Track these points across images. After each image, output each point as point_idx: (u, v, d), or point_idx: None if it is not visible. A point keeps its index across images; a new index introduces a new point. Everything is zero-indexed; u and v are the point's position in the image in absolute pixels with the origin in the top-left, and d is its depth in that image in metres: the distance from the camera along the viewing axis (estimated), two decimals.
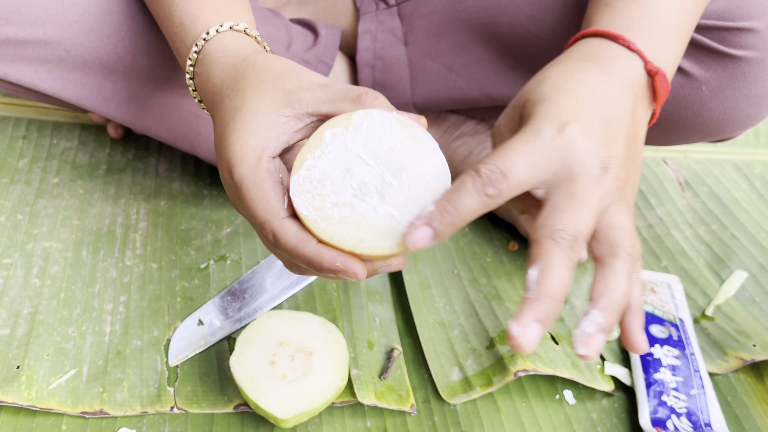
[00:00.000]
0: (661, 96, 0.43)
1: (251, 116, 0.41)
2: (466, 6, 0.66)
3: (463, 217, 0.37)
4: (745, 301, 0.70)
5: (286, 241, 0.39)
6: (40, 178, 0.73)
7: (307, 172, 0.39)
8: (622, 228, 0.39)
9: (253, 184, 0.40)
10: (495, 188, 0.37)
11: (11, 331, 0.58)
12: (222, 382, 0.57)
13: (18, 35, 0.56)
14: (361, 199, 0.39)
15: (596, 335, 0.37)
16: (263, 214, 0.40)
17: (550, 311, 0.36)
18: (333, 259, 0.39)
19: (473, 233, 0.74)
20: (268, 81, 0.42)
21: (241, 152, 0.40)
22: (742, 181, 0.85)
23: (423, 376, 0.61)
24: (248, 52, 0.45)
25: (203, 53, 0.47)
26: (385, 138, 0.40)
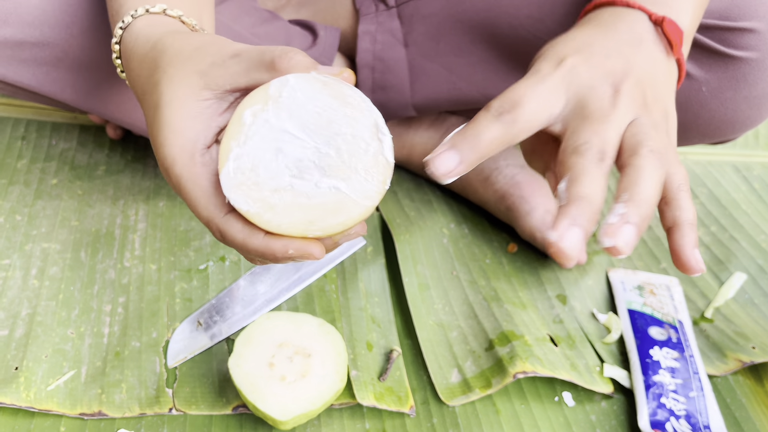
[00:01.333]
0: (676, 44, 0.42)
1: (170, 111, 0.38)
2: (466, 7, 0.66)
3: (485, 142, 0.37)
4: (745, 303, 0.70)
5: (233, 238, 0.37)
6: (39, 178, 0.73)
7: (236, 162, 0.36)
8: (643, 133, 0.38)
9: (190, 183, 0.38)
10: (509, 114, 0.37)
11: (9, 332, 0.58)
12: (221, 383, 0.57)
13: (15, 36, 0.56)
14: (300, 178, 0.36)
15: (622, 226, 0.35)
16: (205, 213, 0.38)
17: (586, 213, 0.35)
18: (284, 247, 0.36)
19: (472, 235, 0.74)
20: (179, 66, 0.39)
21: (171, 153, 0.38)
22: (741, 183, 0.85)
23: (422, 377, 0.61)
24: (158, 37, 0.41)
25: (123, 45, 0.44)
26: (310, 104, 0.36)
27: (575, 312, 0.67)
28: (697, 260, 0.38)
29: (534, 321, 0.65)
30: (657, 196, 0.37)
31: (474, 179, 0.74)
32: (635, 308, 0.66)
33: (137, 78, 0.42)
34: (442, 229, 0.74)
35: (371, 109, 0.37)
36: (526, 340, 0.61)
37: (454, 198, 0.78)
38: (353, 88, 0.37)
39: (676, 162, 0.39)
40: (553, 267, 0.71)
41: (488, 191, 0.73)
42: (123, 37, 0.44)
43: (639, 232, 0.36)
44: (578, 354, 0.62)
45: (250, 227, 0.37)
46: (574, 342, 0.64)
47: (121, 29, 0.44)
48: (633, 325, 0.64)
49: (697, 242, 0.38)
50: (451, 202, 0.77)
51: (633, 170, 0.37)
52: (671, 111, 0.41)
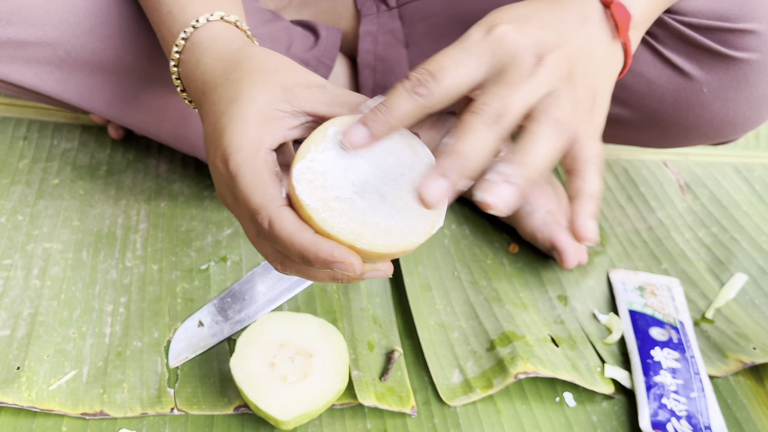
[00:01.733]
0: (622, 26, 0.41)
1: (249, 107, 0.40)
2: (467, 8, 0.66)
3: (397, 117, 0.37)
4: (746, 304, 0.70)
5: (282, 228, 0.38)
6: (41, 178, 0.73)
7: (310, 163, 0.38)
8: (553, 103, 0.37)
9: (250, 171, 0.39)
10: (425, 87, 0.37)
11: (11, 332, 0.58)
12: (222, 383, 0.57)
13: (19, 36, 0.56)
14: (361, 196, 0.39)
15: (501, 183, 0.35)
16: (260, 200, 0.38)
17: (457, 167, 0.35)
18: (330, 249, 0.37)
19: (473, 235, 0.74)
20: (264, 74, 0.41)
21: (238, 141, 0.39)
22: (742, 184, 0.85)
23: (423, 377, 0.61)
24: (241, 44, 0.44)
25: (192, 41, 0.46)
26: (385, 144, 0.39)
27: (576, 312, 0.67)
28: (589, 229, 0.38)
29: (535, 321, 0.65)
30: (546, 163, 0.36)
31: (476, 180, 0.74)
32: (636, 309, 0.66)
33: (210, 71, 0.44)
34: (443, 229, 0.74)
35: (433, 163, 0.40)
36: (528, 340, 0.62)
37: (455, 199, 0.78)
38: (422, 143, 0.41)
39: (592, 138, 0.38)
40: (554, 268, 0.71)
41: None
42: (193, 35, 0.46)
43: (519, 194, 0.35)
44: (579, 354, 0.62)
45: (302, 222, 0.38)
46: (575, 342, 0.64)
47: (194, 27, 0.46)
48: (634, 326, 0.64)
49: (594, 214, 0.38)
50: (452, 203, 0.77)
51: (527, 135, 0.36)
52: (602, 91, 0.41)
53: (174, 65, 0.47)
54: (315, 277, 0.41)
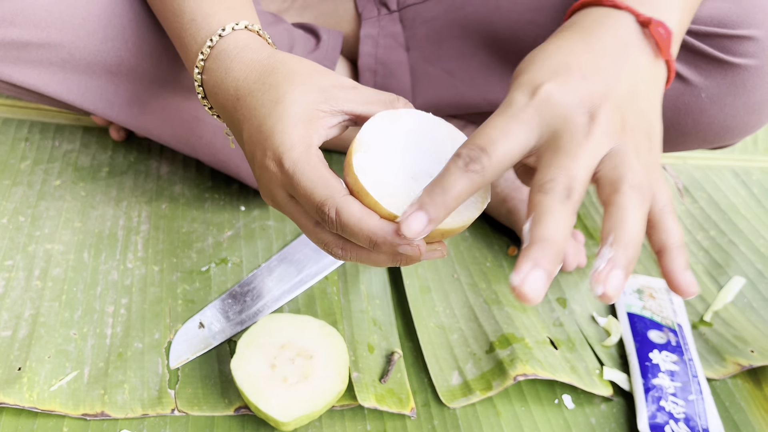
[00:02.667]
0: (664, 46, 0.40)
1: (294, 108, 0.42)
2: (468, 12, 0.67)
3: (453, 197, 0.37)
4: (743, 307, 0.70)
5: (351, 215, 0.39)
6: (42, 180, 0.73)
7: (366, 154, 0.41)
8: (623, 165, 0.37)
9: (309, 166, 0.40)
10: (478, 164, 0.37)
11: (13, 333, 0.59)
12: (223, 384, 0.57)
13: (22, 38, 0.56)
14: (417, 180, 0.40)
15: (612, 271, 0.35)
16: (325, 192, 0.40)
17: (549, 255, 0.35)
18: (394, 231, 0.39)
19: (473, 238, 0.74)
20: (302, 77, 0.43)
21: (290, 140, 0.41)
22: (740, 188, 0.85)
23: (423, 379, 0.61)
24: (270, 50, 0.46)
25: (218, 49, 0.47)
26: (428, 132, 0.42)
27: (575, 315, 0.67)
28: (690, 282, 0.37)
29: (534, 324, 0.65)
30: (641, 233, 0.37)
31: None
32: (635, 312, 0.66)
33: (243, 77, 0.45)
34: None
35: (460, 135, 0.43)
36: (527, 342, 0.62)
37: None
38: (459, 131, 0.43)
39: (659, 182, 0.38)
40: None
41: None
42: (219, 43, 0.47)
43: (627, 274, 0.35)
44: (578, 357, 0.63)
45: (367, 210, 0.40)
46: (574, 345, 0.64)
47: (220, 36, 0.47)
48: (632, 329, 0.64)
49: (688, 263, 0.38)
50: None
51: (616, 209, 0.36)
52: (655, 124, 0.40)
53: (198, 72, 0.48)
54: (376, 261, 0.42)
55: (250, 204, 0.74)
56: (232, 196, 0.75)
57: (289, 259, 0.68)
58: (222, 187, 0.75)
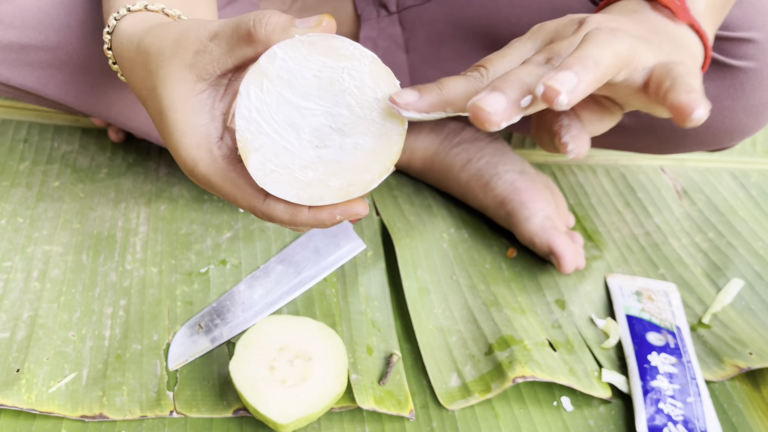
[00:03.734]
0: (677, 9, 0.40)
1: (174, 114, 0.38)
2: (467, 14, 0.67)
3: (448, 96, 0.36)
4: (742, 309, 0.70)
5: (280, 219, 0.38)
6: (41, 181, 0.73)
7: (258, 153, 0.36)
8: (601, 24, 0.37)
9: (218, 180, 0.38)
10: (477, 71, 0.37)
11: (11, 335, 0.58)
12: (221, 386, 0.57)
13: (20, 40, 0.56)
14: (324, 146, 0.36)
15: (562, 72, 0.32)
16: (245, 203, 0.39)
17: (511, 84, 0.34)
18: (331, 215, 0.37)
19: (472, 239, 0.74)
20: (166, 65, 0.38)
21: (190, 155, 0.38)
22: (738, 190, 0.86)
23: (422, 381, 0.61)
24: (139, 37, 0.41)
25: (114, 49, 0.44)
26: (305, 70, 0.36)
27: (574, 317, 0.67)
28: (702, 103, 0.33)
29: (533, 326, 0.65)
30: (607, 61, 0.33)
31: (474, 185, 0.74)
32: (633, 314, 0.66)
33: (134, 83, 0.43)
34: (442, 233, 0.74)
35: (365, 53, 0.36)
36: (525, 344, 0.62)
37: (453, 203, 0.78)
38: (340, 38, 0.36)
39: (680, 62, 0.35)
40: (551, 272, 0.72)
41: (488, 196, 0.73)
42: (112, 42, 0.44)
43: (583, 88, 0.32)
44: (577, 359, 0.63)
45: (293, 206, 0.38)
46: (573, 347, 0.64)
47: (108, 34, 0.44)
48: (631, 331, 0.65)
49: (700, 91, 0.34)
50: (451, 207, 0.78)
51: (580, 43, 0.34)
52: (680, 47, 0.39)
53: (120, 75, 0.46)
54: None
55: None
56: None
57: (288, 261, 0.68)
58: None
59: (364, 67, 0.36)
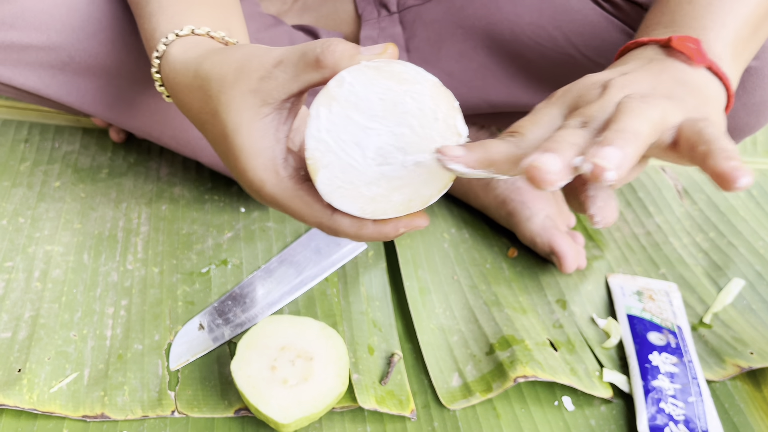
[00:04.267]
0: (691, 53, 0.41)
1: (240, 137, 0.39)
2: (468, 14, 0.67)
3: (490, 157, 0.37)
4: (743, 309, 0.70)
5: (346, 233, 0.40)
6: (42, 181, 0.73)
7: (326, 171, 0.38)
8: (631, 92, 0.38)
9: (286, 199, 0.40)
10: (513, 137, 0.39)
11: (13, 335, 0.59)
12: (223, 386, 0.57)
13: (22, 40, 0.56)
14: (387, 164, 0.38)
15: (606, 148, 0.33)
16: (312, 220, 0.40)
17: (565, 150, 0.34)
18: (395, 229, 0.40)
19: (473, 239, 0.74)
20: (230, 91, 0.40)
21: (257, 176, 0.40)
22: None
23: (423, 381, 0.61)
24: (196, 64, 0.42)
25: (164, 73, 0.45)
26: (371, 93, 0.38)
27: (575, 317, 0.67)
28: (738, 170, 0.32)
29: (534, 325, 0.65)
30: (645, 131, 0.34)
31: (475, 184, 0.74)
32: (634, 313, 0.66)
33: (189, 106, 0.44)
34: (442, 233, 0.74)
35: (426, 76, 0.38)
36: (527, 344, 0.62)
37: (454, 203, 0.78)
38: (403, 63, 0.38)
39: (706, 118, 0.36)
40: (552, 272, 0.72)
41: (489, 196, 0.73)
42: (162, 66, 0.45)
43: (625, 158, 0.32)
44: (578, 359, 0.63)
45: (359, 220, 0.40)
46: (574, 347, 0.64)
47: (158, 58, 0.45)
48: (632, 331, 0.65)
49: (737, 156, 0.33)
50: (451, 207, 0.78)
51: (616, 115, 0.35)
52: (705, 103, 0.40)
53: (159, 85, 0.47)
54: None
55: (250, 205, 0.74)
56: (232, 198, 0.75)
57: (289, 261, 0.68)
58: (222, 188, 0.75)
59: (425, 90, 0.38)
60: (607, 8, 0.62)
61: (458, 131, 0.38)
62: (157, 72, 0.46)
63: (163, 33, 0.45)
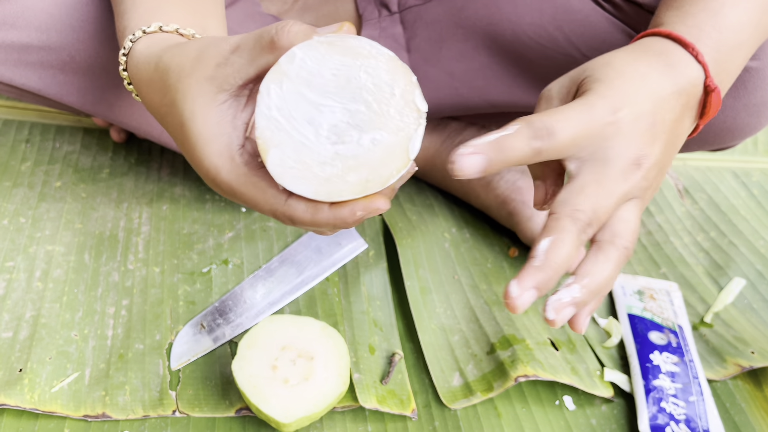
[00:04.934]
0: (710, 114, 0.44)
1: (195, 125, 0.39)
2: (469, 14, 0.67)
3: (508, 158, 0.39)
4: (744, 308, 0.70)
5: (301, 219, 0.39)
6: (43, 181, 0.73)
7: (277, 151, 0.36)
8: (629, 222, 0.41)
9: (240, 185, 0.39)
10: (541, 142, 0.39)
11: (14, 334, 0.59)
12: (224, 386, 0.57)
13: (22, 40, 0.56)
14: (342, 143, 0.36)
15: (569, 307, 0.39)
16: (268, 207, 0.39)
17: (550, 282, 0.38)
18: (352, 212, 0.38)
19: (474, 239, 0.74)
20: (186, 79, 0.39)
21: (212, 163, 0.39)
22: (740, 189, 0.86)
23: (424, 381, 0.61)
24: (157, 57, 0.42)
25: (129, 70, 0.45)
26: (324, 68, 0.36)
27: None
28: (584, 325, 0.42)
29: (535, 325, 0.65)
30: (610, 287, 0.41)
31: (476, 184, 0.74)
32: (635, 313, 0.66)
33: (151, 101, 0.43)
34: (443, 233, 0.74)
35: (381, 51, 0.37)
36: (528, 344, 0.62)
37: (455, 202, 0.78)
38: (358, 38, 0.37)
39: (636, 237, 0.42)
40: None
41: (490, 196, 0.73)
42: (128, 63, 0.45)
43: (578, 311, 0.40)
44: (579, 358, 0.63)
45: (313, 204, 0.38)
46: (575, 346, 0.64)
47: (124, 55, 0.45)
48: (633, 330, 0.65)
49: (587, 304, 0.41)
50: (452, 207, 0.78)
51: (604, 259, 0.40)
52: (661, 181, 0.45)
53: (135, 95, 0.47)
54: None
55: None
56: None
57: (290, 261, 0.68)
58: None
59: (381, 65, 0.36)
60: (607, 8, 0.62)
61: (417, 107, 0.37)
62: (124, 69, 0.45)
63: (131, 30, 0.45)
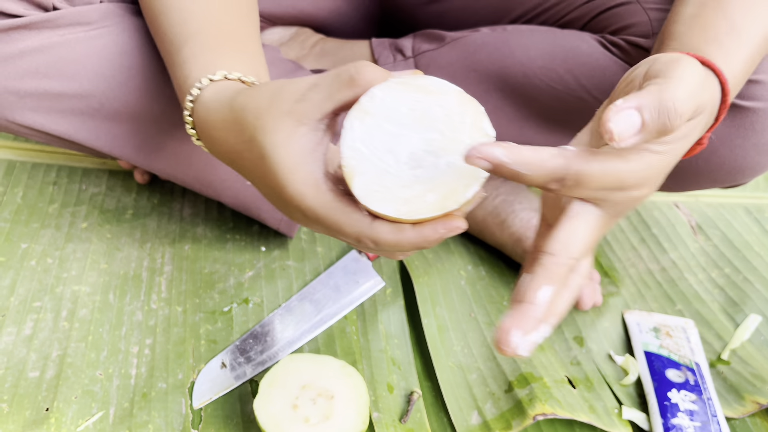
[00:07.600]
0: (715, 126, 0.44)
1: (279, 156, 0.41)
2: (482, 57, 0.69)
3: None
4: (760, 344, 0.70)
5: (386, 241, 0.40)
6: (70, 222, 0.75)
7: (362, 177, 0.39)
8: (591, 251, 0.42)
9: (326, 211, 0.41)
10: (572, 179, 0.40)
11: (41, 374, 0.60)
12: (245, 424, 0.58)
13: (55, 89, 0.58)
14: (420, 167, 0.40)
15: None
16: (353, 231, 0.41)
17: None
18: (434, 231, 0.40)
19: (489, 276, 0.75)
20: (265, 115, 0.41)
21: (297, 190, 0.41)
22: (753, 225, 0.86)
23: (442, 419, 0.61)
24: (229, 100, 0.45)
25: (196, 116, 0.47)
26: (401, 104, 0.40)
27: (592, 354, 0.68)
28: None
29: (552, 363, 0.66)
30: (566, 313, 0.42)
31: (491, 222, 0.75)
32: (652, 350, 0.67)
33: (223, 141, 0.45)
34: (459, 271, 0.75)
35: (450, 87, 0.40)
36: (545, 382, 0.62)
37: (471, 240, 0.80)
38: (427, 77, 0.40)
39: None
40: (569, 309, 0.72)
41: (504, 234, 0.75)
42: (194, 109, 0.47)
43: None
44: (596, 396, 0.63)
45: (397, 226, 0.40)
46: (592, 384, 0.64)
47: (191, 102, 0.47)
48: (650, 368, 0.65)
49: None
50: (468, 245, 0.79)
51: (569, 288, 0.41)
52: None
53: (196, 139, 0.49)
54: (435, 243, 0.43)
55: (270, 244, 0.75)
56: (253, 237, 0.76)
57: (309, 299, 0.69)
58: (243, 227, 0.77)
59: (451, 99, 0.40)
60: (614, 52, 0.64)
61: (486, 132, 0.40)
62: (189, 115, 0.48)
63: (196, 78, 0.48)
